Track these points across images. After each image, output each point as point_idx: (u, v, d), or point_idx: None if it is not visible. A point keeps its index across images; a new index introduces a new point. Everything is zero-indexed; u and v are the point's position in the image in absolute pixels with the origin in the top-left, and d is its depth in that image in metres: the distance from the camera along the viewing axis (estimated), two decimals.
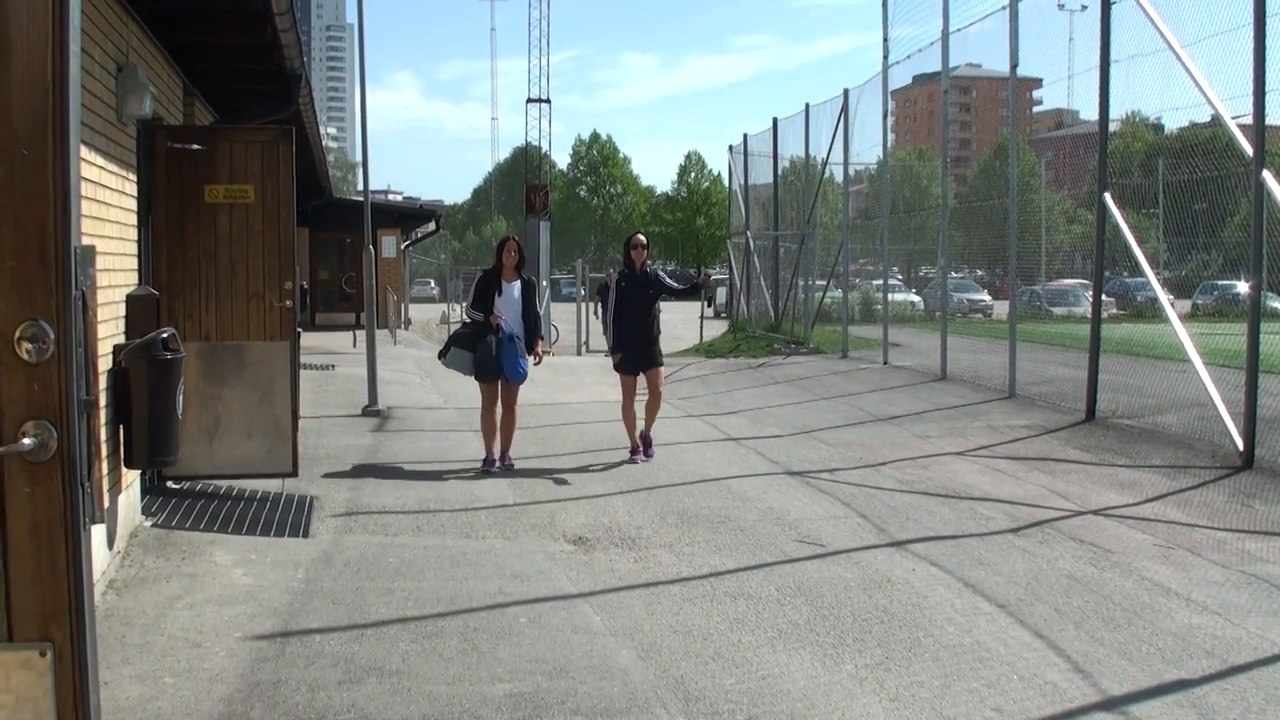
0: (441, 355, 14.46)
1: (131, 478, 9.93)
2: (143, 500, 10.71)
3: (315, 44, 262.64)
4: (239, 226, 11.76)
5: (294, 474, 12.11)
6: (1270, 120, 13.95)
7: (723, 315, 49.65)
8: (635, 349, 14.52)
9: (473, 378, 14.17)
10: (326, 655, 7.23)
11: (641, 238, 15.13)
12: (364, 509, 11.52)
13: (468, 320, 14.62)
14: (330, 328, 38.35)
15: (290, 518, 10.96)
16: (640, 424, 14.61)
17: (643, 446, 14.56)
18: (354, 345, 30.51)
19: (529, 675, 6.96)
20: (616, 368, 14.82)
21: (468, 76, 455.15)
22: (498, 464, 13.85)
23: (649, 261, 15.01)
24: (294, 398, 12.04)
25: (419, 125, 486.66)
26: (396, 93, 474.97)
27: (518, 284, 14.10)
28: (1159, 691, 6.83)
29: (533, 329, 14.10)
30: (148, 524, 10.34)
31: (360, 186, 23.69)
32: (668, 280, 15.20)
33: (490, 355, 13.71)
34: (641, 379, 14.62)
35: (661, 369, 14.88)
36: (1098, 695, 6.73)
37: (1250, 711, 6.55)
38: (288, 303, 11.93)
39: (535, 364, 14.30)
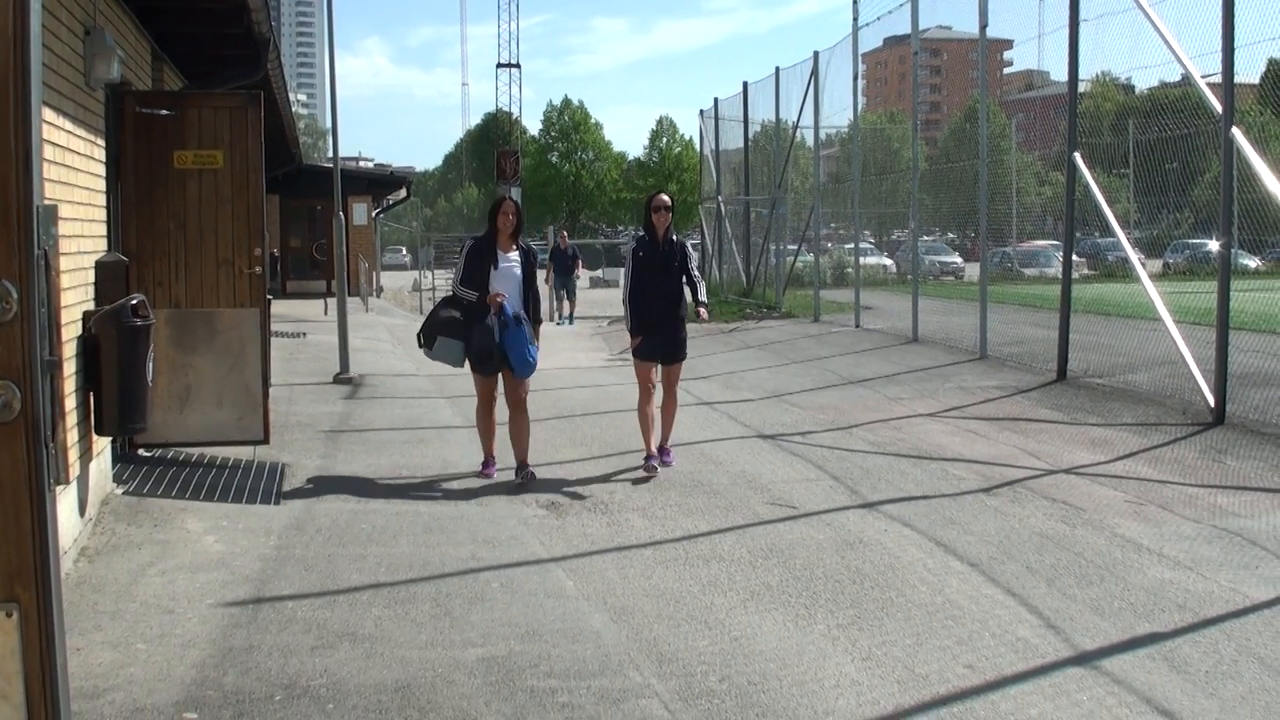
0: (425, 344, 11.64)
1: (102, 445, 9.89)
2: (114, 468, 10.65)
3: (285, 10, 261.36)
4: (208, 193, 11.72)
5: (265, 441, 12.08)
6: (1239, 78, 13.98)
7: None
8: (657, 333, 12.04)
9: (465, 369, 11.76)
10: (299, 621, 7.22)
11: (665, 198, 12.27)
12: (336, 475, 11.51)
13: (454, 297, 11.73)
14: (301, 295, 38.24)
15: (262, 485, 10.93)
16: (657, 431, 12.09)
17: (662, 456, 12.02)
18: (325, 313, 30.40)
19: (502, 639, 6.96)
20: (634, 352, 12.26)
21: (438, 42, 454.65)
22: (516, 474, 11.37)
23: (673, 228, 12.35)
24: (265, 365, 12.01)
25: (389, 92, 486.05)
26: (366, 59, 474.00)
27: (516, 255, 11.63)
28: (1131, 645, 6.86)
29: (533, 311, 11.75)
30: (119, 491, 10.30)
31: (330, 153, 23.57)
32: (692, 263, 12.34)
33: (491, 343, 11.20)
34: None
35: (682, 363, 12.41)
36: (1070, 650, 6.77)
37: (1223, 662, 6.60)
38: (257, 269, 11.90)
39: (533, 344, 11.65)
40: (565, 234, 41.40)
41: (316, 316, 30.03)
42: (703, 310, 12.17)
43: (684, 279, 12.20)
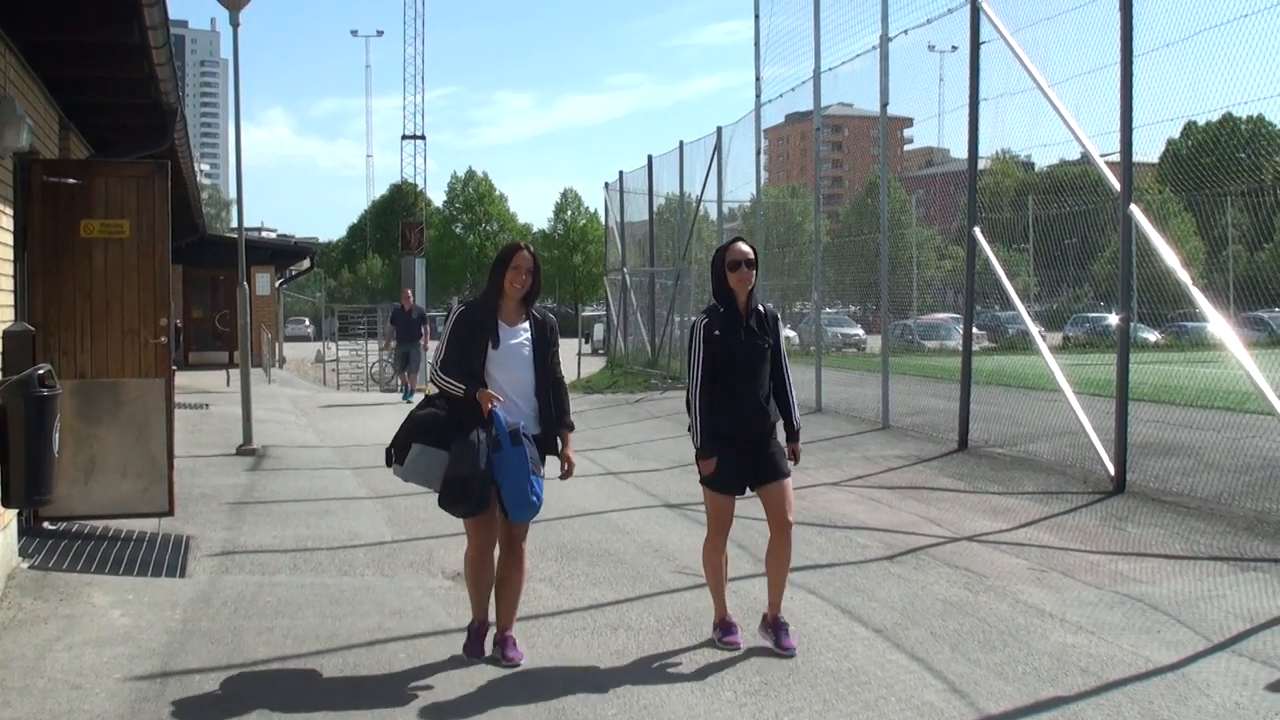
0: (394, 459, 8.11)
1: (8, 519, 9.80)
2: (19, 541, 10.56)
3: (189, 79, 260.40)
4: (114, 262, 11.69)
5: (170, 513, 12.01)
6: (1138, 157, 14.29)
7: (600, 351, 49.75)
8: (742, 448, 8.28)
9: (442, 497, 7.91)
10: (206, 695, 7.22)
11: (747, 249, 8.35)
12: (241, 548, 11.45)
13: (436, 391, 8.19)
14: (204, 366, 38.06)
15: (167, 558, 10.87)
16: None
17: (776, 633, 8.28)
18: (228, 384, 30.28)
19: (410, 711, 6.98)
20: (705, 480, 8.39)
21: (341, 114, 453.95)
22: (490, 648, 8.10)
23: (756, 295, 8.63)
24: (169, 436, 11.95)
25: (291, 162, 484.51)
26: (269, 129, 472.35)
27: (526, 329, 8.12)
28: (1036, 709, 6.98)
29: (556, 410, 8.23)
30: (24, 565, 10.21)
31: (234, 224, 23.55)
32: (784, 348, 8.62)
33: (472, 470, 7.62)
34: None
35: (790, 479, 8.52)
36: (975, 714, 6.87)
37: None
38: (163, 339, 11.86)
39: (564, 476, 8.35)
40: (409, 294, 34.74)
41: (219, 388, 29.88)
42: (798, 446, 8.62)
43: (773, 371, 8.45)
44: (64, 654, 7.98)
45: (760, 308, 8.41)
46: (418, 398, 30.08)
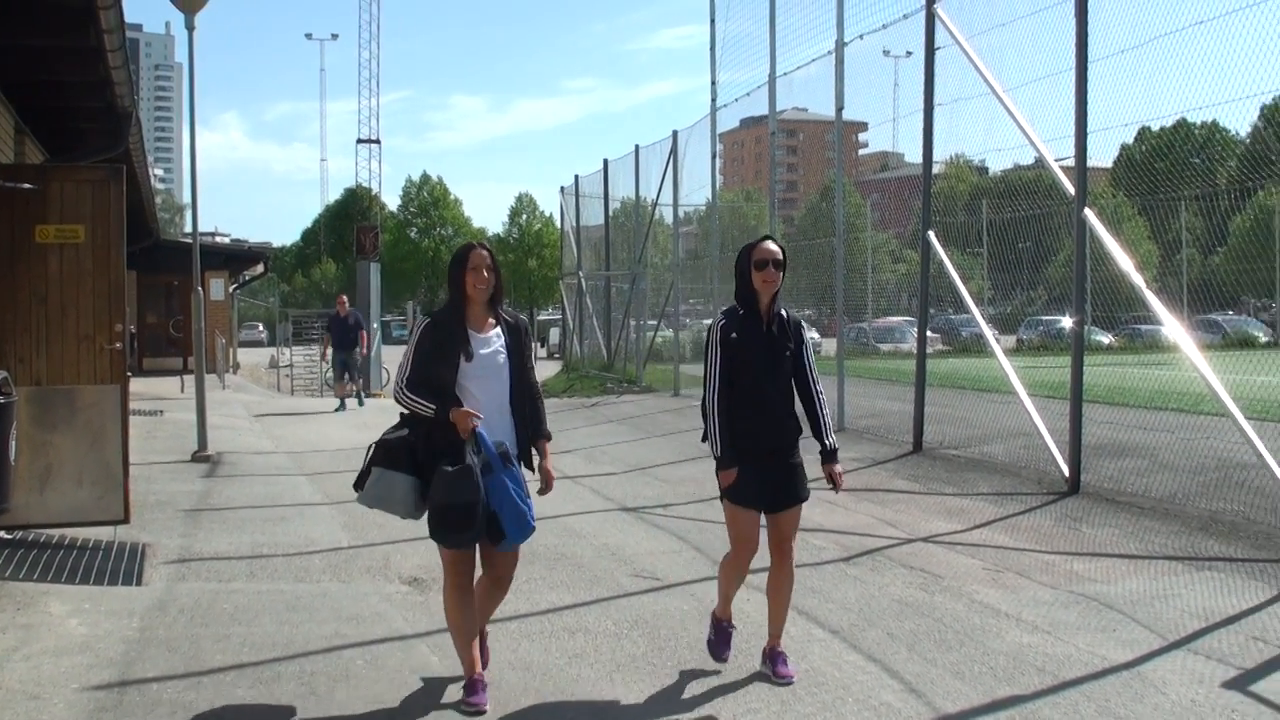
0: (359, 484, 7.35)
1: None
2: None
3: (144, 83, 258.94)
4: (70, 267, 11.64)
5: (126, 521, 11.94)
6: (1093, 161, 14.40)
7: (556, 355, 49.77)
8: (764, 461, 7.67)
9: (414, 520, 7.46)
10: (164, 704, 7.17)
11: (775, 248, 7.75)
12: (197, 555, 11.39)
13: (404, 415, 7.40)
14: (158, 373, 37.94)
15: (124, 566, 10.79)
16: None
17: (773, 662, 7.77)
18: (182, 390, 30.15)
19: (368, 717, 6.98)
20: (726, 493, 7.69)
21: (295, 117, 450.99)
22: (482, 692, 7.19)
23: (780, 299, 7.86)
24: (125, 443, 11.88)
25: (245, 167, 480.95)
26: (223, 133, 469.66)
27: (500, 335, 7.42)
28: (992, 708, 7.03)
29: (532, 419, 7.52)
30: None
31: (188, 229, 23.40)
32: (812, 358, 7.94)
33: (478, 495, 6.89)
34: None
35: (803, 506, 7.99)
36: (932, 714, 6.91)
37: None
38: (118, 345, 11.80)
39: (543, 491, 7.55)
40: (345, 299, 32.17)
41: (174, 394, 29.76)
42: (837, 467, 7.86)
43: (798, 380, 7.82)
44: (21, 664, 7.93)
45: (783, 313, 7.74)
46: (371, 404, 30.07)
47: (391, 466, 7.15)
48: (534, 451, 7.58)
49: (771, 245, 7.71)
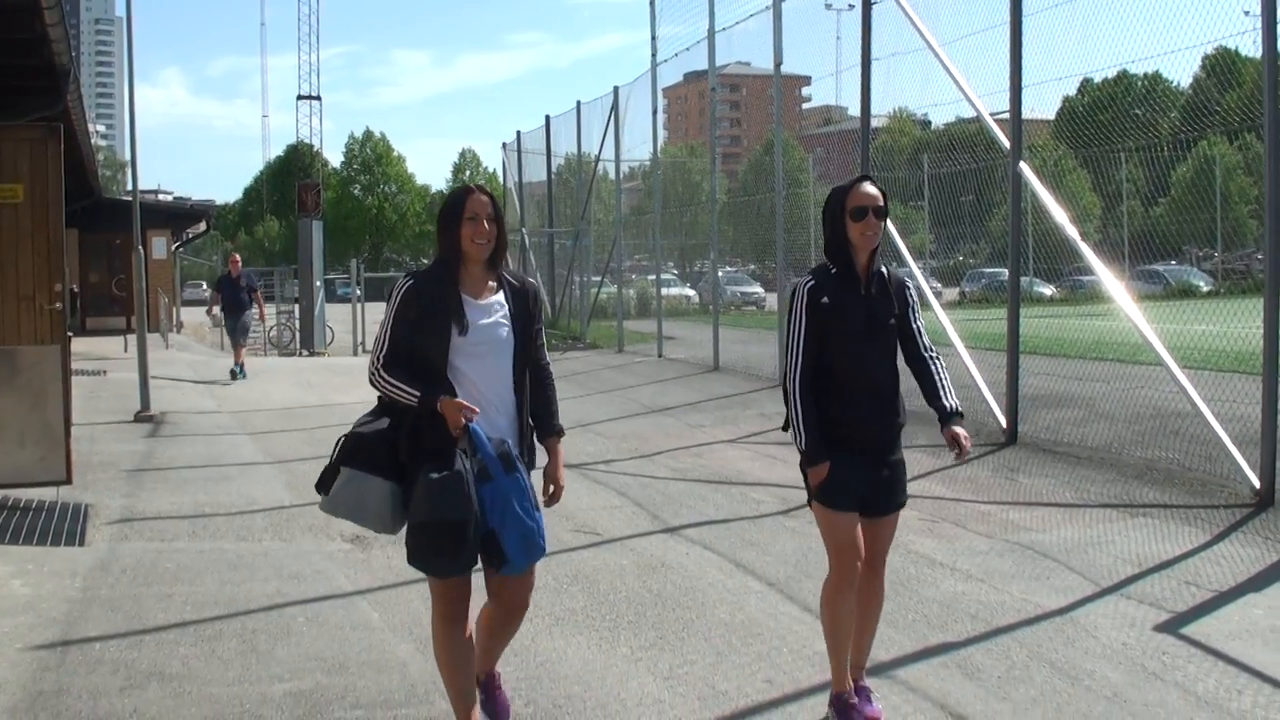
0: (322, 485, 5.67)
1: None
2: None
3: (84, 39, 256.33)
4: (8, 227, 11.55)
5: (68, 481, 11.87)
6: (1034, 114, 14.47)
7: None
8: (862, 454, 6.13)
9: (387, 536, 6.21)
10: (107, 662, 7.15)
11: (875, 191, 6.07)
12: (139, 515, 11.34)
13: (381, 401, 5.80)
14: (101, 332, 37.59)
15: (66, 526, 10.74)
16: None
17: (855, 697, 6.25)
18: (125, 350, 29.89)
19: (308, 673, 6.97)
20: (817, 494, 6.14)
21: (237, 73, 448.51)
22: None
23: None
24: (66, 403, 11.82)
25: (186, 123, 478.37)
26: (164, 89, 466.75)
27: (502, 302, 5.79)
28: (925, 655, 7.12)
29: (542, 408, 6.19)
30: None
31: (129, 186, 23.12)
32: (921, 323, 6.35)
33: (469, 511, 5.38)
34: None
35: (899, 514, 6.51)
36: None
37: (1015, 668, 6.89)
38: (58, 305, 11.74)
39: (549, 500, 6.21)
40: (237, 258, 28.39)
41: (116, 354, 29.52)
42: (960, 429, 6.04)
43: (907, 350, 6.35)
44: None
45: (883, 270, 6.20)
46: (317, 361, 29.64)
47: (366, 468, 5.57)
48: (539, 450, 6.27)
49: (871, 188, 6.09)
